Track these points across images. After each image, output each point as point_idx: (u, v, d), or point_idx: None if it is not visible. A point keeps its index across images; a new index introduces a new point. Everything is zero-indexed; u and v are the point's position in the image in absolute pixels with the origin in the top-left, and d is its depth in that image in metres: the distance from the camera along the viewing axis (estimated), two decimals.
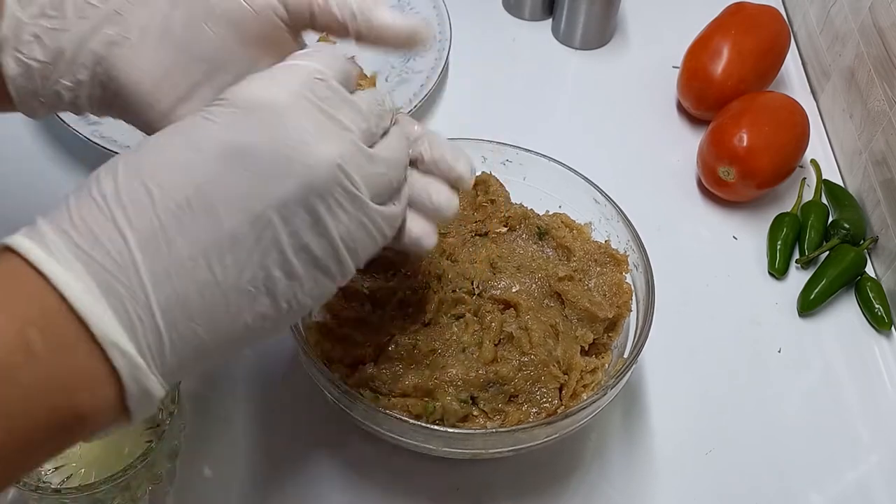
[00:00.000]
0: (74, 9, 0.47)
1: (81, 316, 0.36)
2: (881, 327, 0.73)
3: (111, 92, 0.49)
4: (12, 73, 0.48)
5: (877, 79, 0.79)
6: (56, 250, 0.37)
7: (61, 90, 0.49)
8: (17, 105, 0.50)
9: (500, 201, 0.66)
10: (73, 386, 0.36)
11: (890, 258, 0.76)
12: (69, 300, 0.36)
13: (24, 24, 0.48)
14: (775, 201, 0.82)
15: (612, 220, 0.66)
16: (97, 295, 0.36)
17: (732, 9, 0.89)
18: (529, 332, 0.59)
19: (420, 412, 0.57)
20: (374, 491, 0.62)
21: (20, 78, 0.49)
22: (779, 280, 0.77)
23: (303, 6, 0.48)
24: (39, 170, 0.79)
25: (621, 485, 0.64)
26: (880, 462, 0.66)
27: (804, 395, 0.70)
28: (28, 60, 0.48)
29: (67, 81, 0.49)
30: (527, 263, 0.63)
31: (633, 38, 0.97)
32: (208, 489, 0.62)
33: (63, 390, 0.36)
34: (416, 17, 0.50)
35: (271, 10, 0.48)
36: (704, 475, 0.65)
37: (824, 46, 0.90)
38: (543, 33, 0.96)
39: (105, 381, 0.37)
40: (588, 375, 0.60)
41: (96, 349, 0.36)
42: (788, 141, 0.79)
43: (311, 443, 0.64)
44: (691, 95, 0.87)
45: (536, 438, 0.57)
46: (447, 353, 0.58)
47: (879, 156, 0.78)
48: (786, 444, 0.67)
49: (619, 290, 0.63)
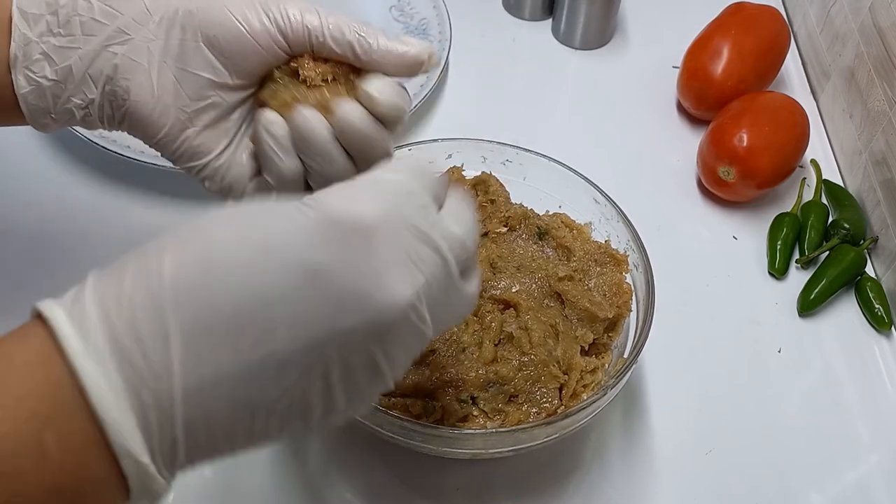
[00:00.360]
0: (82, 27, 0.48)
1: (100, 420, 0.34)
2: (881, 327, 0.73)
3: (121, 111, 0.50)
4: (23, 92, 0.49)
5: (877, 79, 0.79)
6: (93, 339, 0.34)
7: (73, 108, 0.50)
8: (29, 121, 0.51)
9: (500, 201, 0.66)
10: (79, 489, 0.34)
11: (890, 258, 0.76)
12: (92, 403, 0.34)
13: (32, 42, 0.48)
14: (775, 201, 0.82)
15: (612, 220, 0.67)
16: (122, 397, 0.34)
17: (732, 9, 0.89)
18: (529, 332, 0.59)
19: (420, 412, 0.57)
20: (374, 491, 0.62)
21: (31, 96, 0.49)
22: (779, 280, 0.77)
23: (302, 41, 0.48)
24: (39, 170, 0.79)
25: (621, 485, 0.64)
26: (880, 462, 0.66)
27: (804, 395, 0.70)
28: (39, 79, 0.49)
29: (78, 99, 0.49)
30: (527, 263, 0.63)
31: (633, 38, 0.97)
32: (208, 489, 0.62)
33: (69, 492, 0.34)
34: (417, 42, 0.49)
35: (273, 42, 0.48)
36: (704, 475, 0.65)
37: (824, 46, 0.90)
38: (543, 33, 0.96)
39: (113, 484, 0.35)
40: (588, 375, 0.60)
41: (109, 455, 0.34)
42: (788, 141, 0.79)
43: (310, 443, 0.64)
44: (691, 95, 0.87)
45: (536, 438, 0.57)
46: (447, 354, 0.58)
47: (879, 156, 0.78)
48: (786, 444, 0.67)
49: (619, 290, 0.63)
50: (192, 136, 0.49)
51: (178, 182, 0.77)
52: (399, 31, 0.91)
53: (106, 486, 0.35)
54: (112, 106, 0.50)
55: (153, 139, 0.50)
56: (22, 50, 0.48)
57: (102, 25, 0.48)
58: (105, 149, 0.76)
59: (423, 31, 0.91)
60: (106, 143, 0.77)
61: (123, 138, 0.77)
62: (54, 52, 0.48)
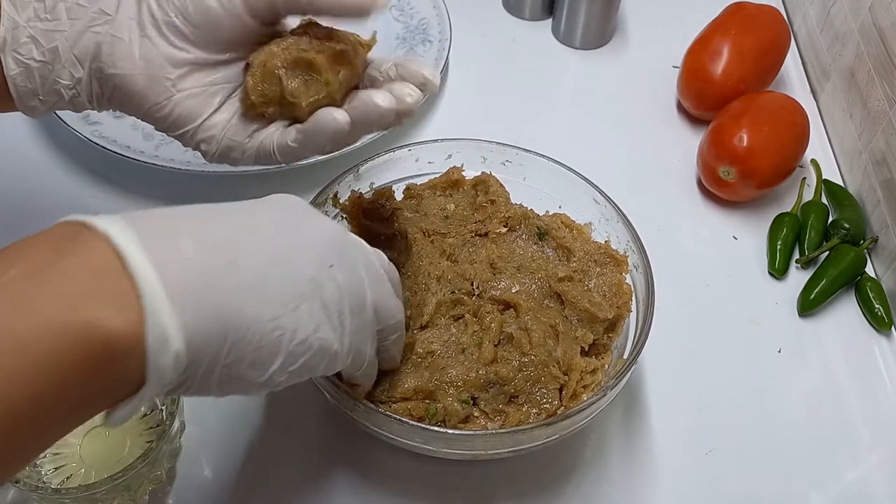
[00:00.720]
0: (66, 11, 0.51)
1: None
2: (881, 327, 0.73)
3: (109, 87, 0.53)
4: (12, 73, 0.52)
5: (877, 79, 0.79)
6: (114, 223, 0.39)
7: (61, 88, 0.53)
8: (18, 104, 0.54)
9: (500, 201, 0.66)
10: (96, 297, 0.37)
11: (890, 258, 0.76)
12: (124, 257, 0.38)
13: (20, 26, 0.51)
14: (775, 201, 0.82)
15: (612, 221, 0.66)
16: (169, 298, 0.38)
17: (732, 9, 0.89)
18: (529, 333, 0.59)
19: (422, 414, 0.57)
20: (374, 491, 0.62)
21: (20, 77, 0.52)
22: (779, 280, 0.77)
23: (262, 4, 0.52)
24: (39, 170, 0.79)
25: (621, 485, 0.64)
26: (880, 462, 0.66)
27: (804, 395, 0.70)
28: (27, 61, 0.51)
29: (66, 80, 0.52)
30: (527, 264, 0.63)
31: (633, 38, 0.97)
32: (208, 489, 0.62)
33: (86, 298, 0.37)
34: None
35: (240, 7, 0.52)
36: (704, 475, 0.65)
37: (824, 46, 0.90)
38: (543, 33, 0.96)
39: (130, 300, 0.38)
40: (588, 376, 0.60)
41: (126, 273, 0.38)
42: (788, 141, 0.79)
43: (311, 444, 0.64)
44: (691, 95, 0.87)
45: (536, 439, 0.57)
46: (447, 355, 0.58)
47: (879, 156, 0.78)
48: (786, 444, 0.67)
49: (619, 290, 0.63)
50: (181, 100, 0.52)
51: (179, 182, 0.77)
52: (399, 31, 0.92)
53: (123, 300, 0.38)
54: (100, 83, 0.52)
55: (143, 110, 0.53)
56: (11, 34, 0.51)
57: (85, 9, 0.51)
58: (106, 149, 0.76)
59: (423, 31, 0.91)
60: (106, 144, 0.77)
61: (124, 139, 0.77)
62: (41, 35, 0.51)
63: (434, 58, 0.88)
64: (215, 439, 0.64)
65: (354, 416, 0.57)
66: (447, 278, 0.62)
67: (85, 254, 0.38)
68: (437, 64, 0.87)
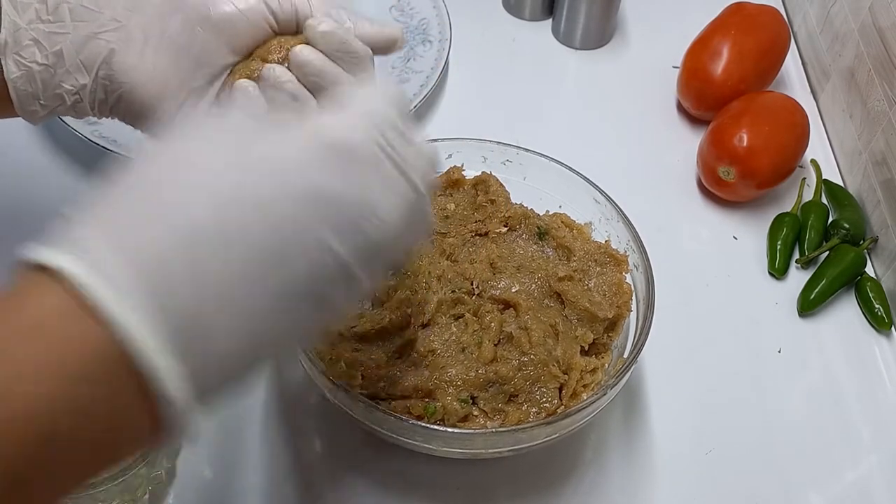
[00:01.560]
0: (71, 14, 0.49)
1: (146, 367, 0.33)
2: (881, 327, 0.73)
3: (115, 96, 0.50)
4: (13, 76, 0.50)
5: (877, 79, 0.79)
6: (117, 278, 0.33)
7: (63, 93, 0.51)
8: (17, 108, 0.52)
9: (500, 201, 0.66)
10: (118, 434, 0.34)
11: (890, 258, 0.76)
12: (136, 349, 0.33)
13: (21, 28, 0.49)
14: (775, 201, 0.82)
15: (612, 220, 0.67)
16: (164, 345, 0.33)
17: (732, 9, 0.89)
18: (529, 332, 0.59)
19: (421, 413, 0.57)
20: (374, 491, 0.62)
21: (21, 81, 0.50)
22: (779, 280, 0.77)
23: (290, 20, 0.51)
24: (39, 170, 0.79)
25: (621, 485, 0.64)
26: (880, 462, 0.66)
27: (804, 395, 0.70)
28: (29, 64, 0.50)
29: (69, 85, 0.50)
30: (527, 263, 0.63)
31: (633, 38, 0.97)
32: (208, 489, 0.62)
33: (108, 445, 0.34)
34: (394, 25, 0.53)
35: (263, 20, 0.50)
36: (704, 475, 0.65)
37: (824, 46, 0.90)
38: (543, 33, 0.96)
39: (144, 422, 0.34)
40: (588, 375, 0.60)
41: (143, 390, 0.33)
42: (788, 141, 0.79)
43: (310, 443, 0.64)
44: (691, 95, 0.87)
45: (536, 438, 0.57)
46: (447, 354, 0.58)
47: (879, 156, 0.78)
48: (786, 444, 0.67)
49: (619, 290, 0.63)
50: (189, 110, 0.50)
51: None
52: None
53: (138, 426, 0.34)
54: (106, 91, 0.50)
55: (148, 121, 0.51)
56: (12, 36, 0.49)
57: (92, 13, 0.49)
58: (105, 149, 0.76)
59: (423, 31, 0.91)
60: (106, 144, 0.77)
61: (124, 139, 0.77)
62: (44, 37, 0.49)
63: (434, 58, 0.88)
64: (215, 440, 0.64)
65: (354, 415, 0.57)
66: (447, 278, 0.62)
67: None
68: (437, 64, 0.87)
